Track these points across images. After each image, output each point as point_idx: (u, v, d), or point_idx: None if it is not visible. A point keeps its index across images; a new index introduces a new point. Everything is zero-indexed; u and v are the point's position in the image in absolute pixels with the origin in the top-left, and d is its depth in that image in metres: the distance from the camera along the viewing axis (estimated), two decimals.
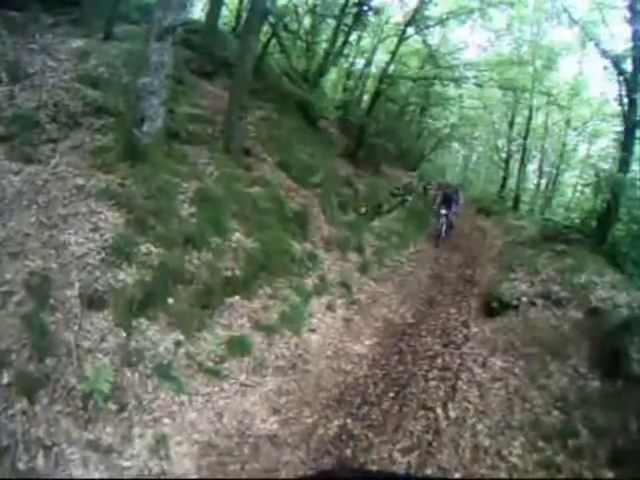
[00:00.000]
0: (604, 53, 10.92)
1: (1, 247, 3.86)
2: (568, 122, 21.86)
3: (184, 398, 3.89)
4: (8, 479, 2.62)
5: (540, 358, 5.30)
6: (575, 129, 22.46)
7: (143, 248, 4.63)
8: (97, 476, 3.01)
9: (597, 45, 11.39)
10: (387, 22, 16.17)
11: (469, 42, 17.83)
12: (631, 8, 9.80)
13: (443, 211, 11.63)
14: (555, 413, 4.39)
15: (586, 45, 15.52)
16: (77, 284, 3.97)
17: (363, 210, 10.43)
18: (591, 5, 12.73)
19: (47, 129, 5.51)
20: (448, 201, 11.94)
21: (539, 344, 5.55)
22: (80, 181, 4.96)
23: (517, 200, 21.30)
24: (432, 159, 25.38)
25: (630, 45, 9.79)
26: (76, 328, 3.72)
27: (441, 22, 14.61)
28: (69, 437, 3.10)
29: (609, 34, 11.43)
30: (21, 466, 2.79)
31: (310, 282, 6.58)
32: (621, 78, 10.19)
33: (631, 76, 9.74)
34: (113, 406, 3.46)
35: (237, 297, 5.32)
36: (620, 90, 10.34)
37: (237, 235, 5.89)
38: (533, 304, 6.57)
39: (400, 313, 6.93)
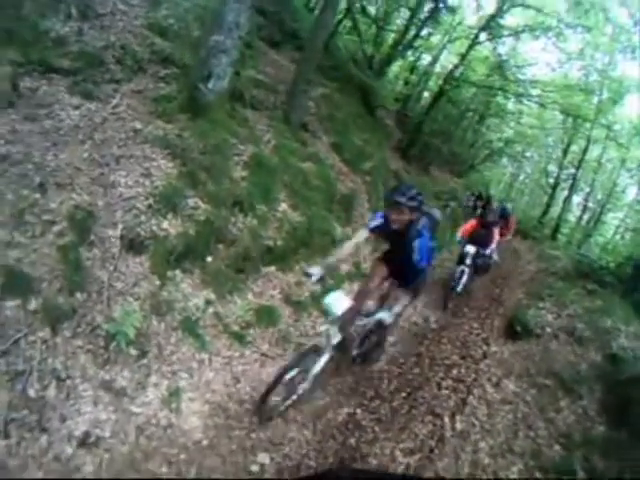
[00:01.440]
0: None
1: (50, 176, 3.84)
2: (623, 162, 21.20)
3: (205, 356, 3.95)
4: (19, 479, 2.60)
5: (553, 391, 5.22)
6: (629, 170, 21.74)
7: (191, 202, 4.63)
8: (104, 416, 3.06)
9: None
10: (460, 23, 15.86)
11: (539, 59, 17.26)
12: None
13: (470, 248, 7.54)
14: (557, 448, 4.33)
15: None
16: (120, 225, 3.98)
17: None
18: None
19: (112, 69, 5.47)
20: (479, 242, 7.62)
21: (554, 377, 5.45)
22: (138, 125, 4.93)
23: (557, 229, 20.83)
24: (480, 170, 24.75)
25: None
26: (111, 268, 3.75)
27: (516, 33, 14.21)
28: (85, 373, 3.15)
29: None
30: (32, 393, 2.84)
31: (345, 267, 6.57)
32: None
33: None
34: (134, 351, 3.51)
35: (273, 268, 5.34)
36: None
37: (284, 206, 5.87)
38: (556, 337, 6.43)
39: (424, 316, 6.91)
